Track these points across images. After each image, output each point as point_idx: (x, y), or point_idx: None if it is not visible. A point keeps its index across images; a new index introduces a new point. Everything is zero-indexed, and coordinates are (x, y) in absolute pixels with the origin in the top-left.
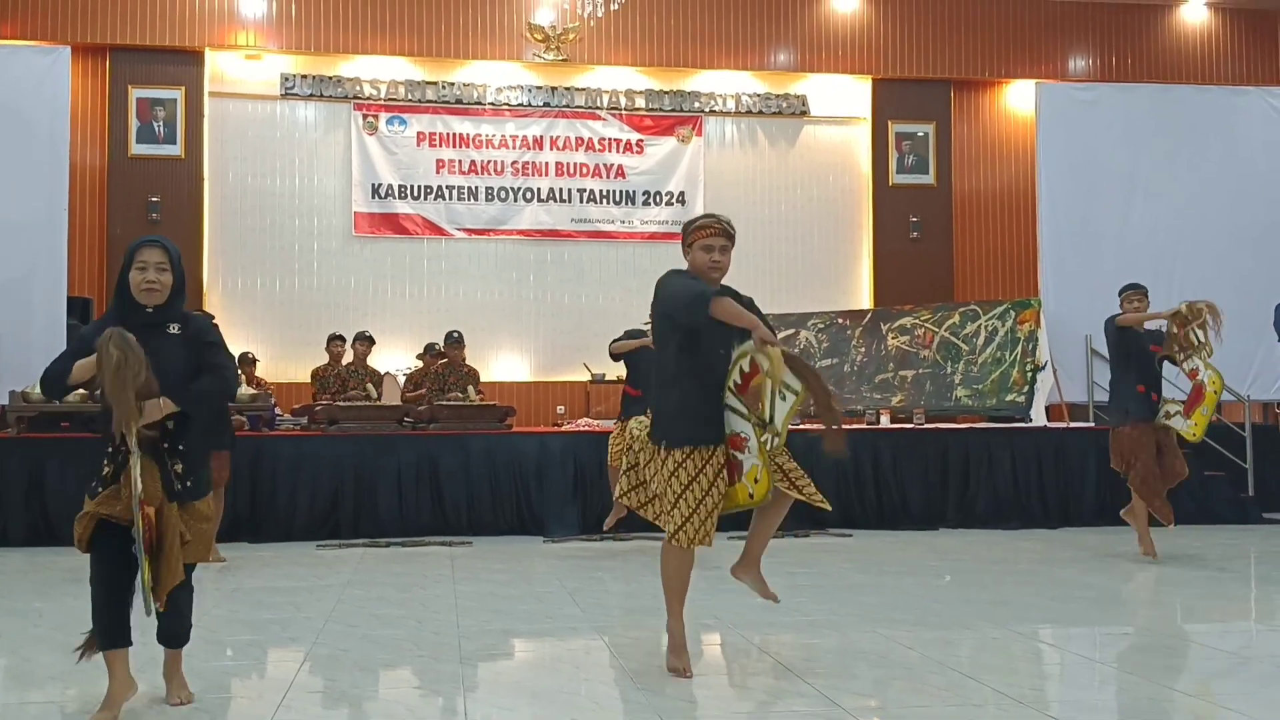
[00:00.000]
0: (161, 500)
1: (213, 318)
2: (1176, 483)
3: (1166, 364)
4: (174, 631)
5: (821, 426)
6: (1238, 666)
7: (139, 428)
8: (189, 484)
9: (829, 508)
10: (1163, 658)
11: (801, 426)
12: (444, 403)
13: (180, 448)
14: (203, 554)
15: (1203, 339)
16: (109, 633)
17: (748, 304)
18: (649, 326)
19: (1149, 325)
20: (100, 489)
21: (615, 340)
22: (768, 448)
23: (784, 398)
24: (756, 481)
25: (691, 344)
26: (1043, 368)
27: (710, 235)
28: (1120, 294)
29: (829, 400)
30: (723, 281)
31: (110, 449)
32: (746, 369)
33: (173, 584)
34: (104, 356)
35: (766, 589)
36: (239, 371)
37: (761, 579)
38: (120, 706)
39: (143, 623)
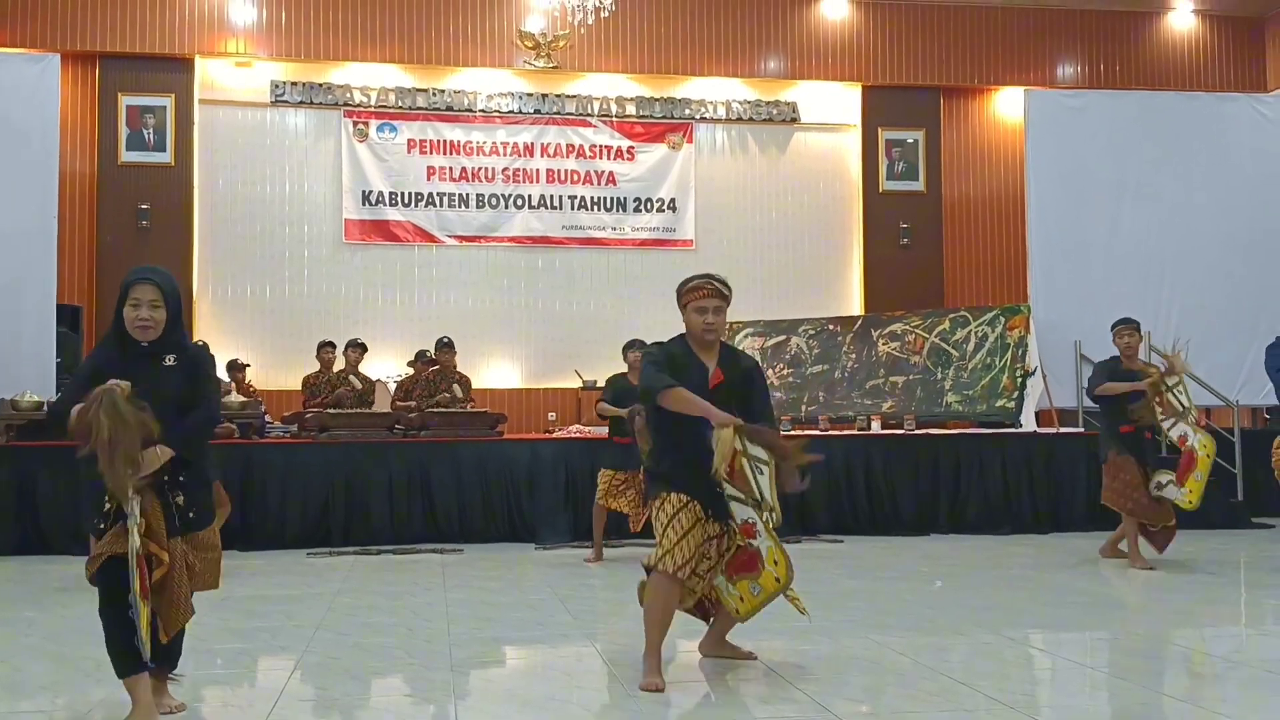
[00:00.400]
0: (165, 538)
1: (206, 345)
2: (1166, 531)
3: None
4: (168, 653)
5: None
6: (1228, 671)
7: (136, 480)
8: (191, 515)
9: (808, 615)
10: (1153, 662)
11: (805, 431)
12: (434, 409)
13: (181, 479)
14: (212, 581)
15: (1186, 404)
16: (123, 659)
17: (749, 372)
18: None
19: (1139, 357)
20: (102, 524)
21: (600, 400)
22: (771, 526)
23: (761, 472)
24: (776, 563)
25: (669, 430)
26: (1032, 373)
27: (703, 297)
28: (1112, 329)
29: (784, 452)
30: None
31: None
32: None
33: (184, 621)
34: (95, 426)
35: (740, 650)
36: (230, 380)
37: (731, 647)
38: None
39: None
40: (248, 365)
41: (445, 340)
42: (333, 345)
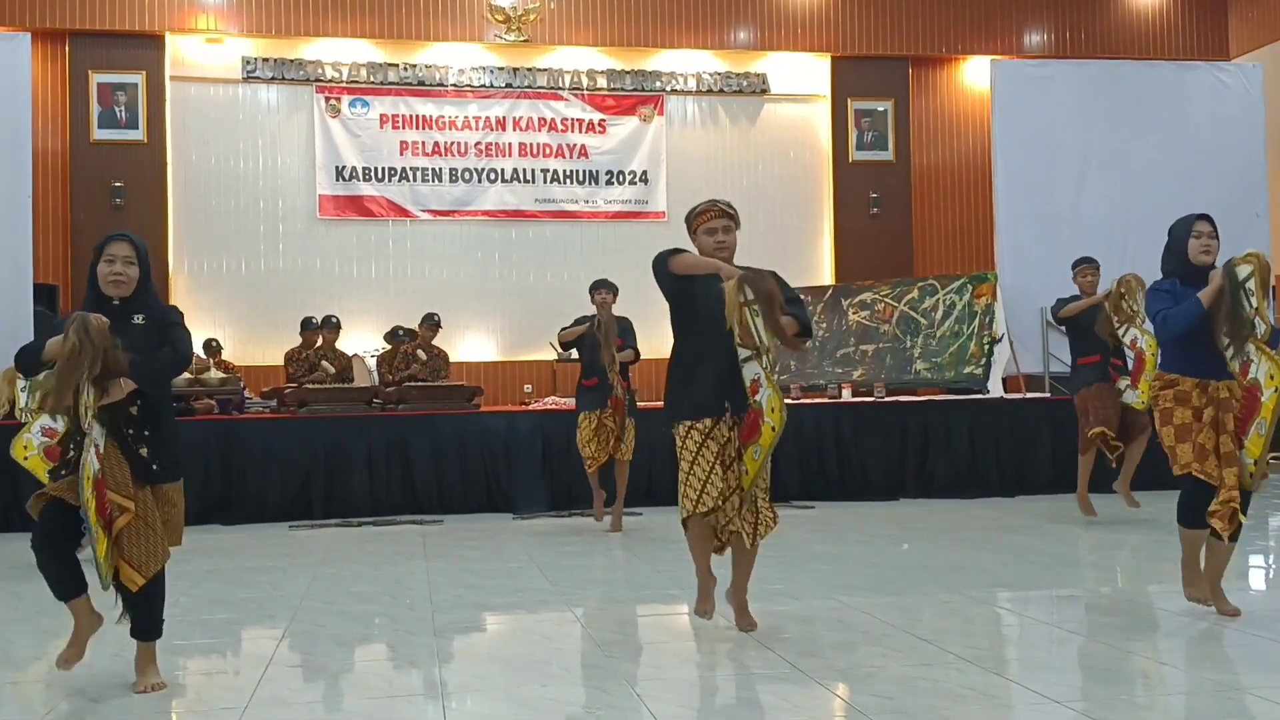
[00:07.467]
0: (132, 486)
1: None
2: (1143, 437)
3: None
4: (146, 625)
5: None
6: (1185, 626)
7: (98, 405)
8: (156, 466)
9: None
10: (1113, 618)
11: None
12: (412, 383)
13: (146, 432)
14: (174, 538)
15: (1135, 308)
16: (59, 586)
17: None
18: (595, 314)
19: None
20: (64, 470)
21: (563, 328)
22: (768, 369)
23: (757, 314)
24: (773, 410)
25: (684, 318)
26: (999, 340)
27: (712, 218)
28: (1073, 267)
29: (770, 296)
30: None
31: (78, 437)
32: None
33: (161, 564)
34: (65, 339)
35: (748, 614)
36: (207, 358)
37: (743, 600)
38: (86, 642)
39: (115, 611)
40: (222, 347)
41: (433, 317)
42: (314, 320)
